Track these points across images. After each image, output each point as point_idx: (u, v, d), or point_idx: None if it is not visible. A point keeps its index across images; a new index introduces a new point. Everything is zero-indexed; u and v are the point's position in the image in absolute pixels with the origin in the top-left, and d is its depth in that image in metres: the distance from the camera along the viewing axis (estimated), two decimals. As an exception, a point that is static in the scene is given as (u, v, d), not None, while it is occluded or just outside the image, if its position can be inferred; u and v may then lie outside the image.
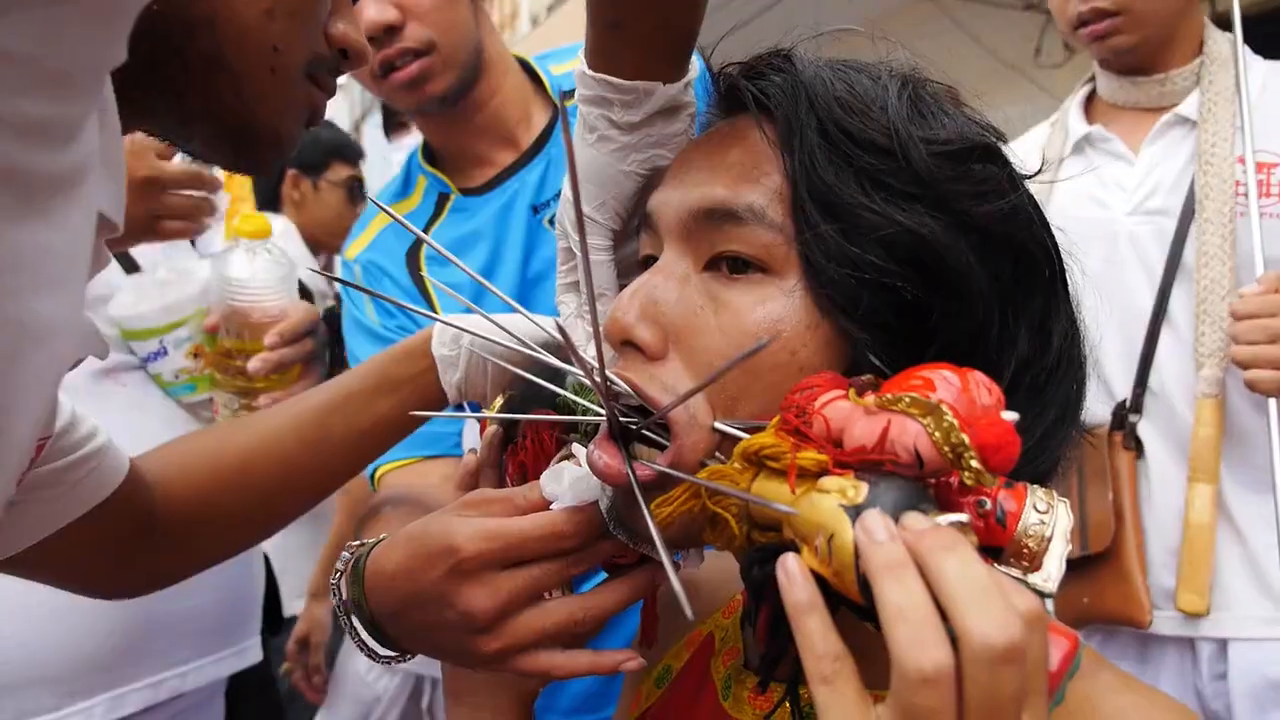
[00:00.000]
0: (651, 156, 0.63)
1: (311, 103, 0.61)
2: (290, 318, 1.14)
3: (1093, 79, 1.53)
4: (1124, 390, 1.39)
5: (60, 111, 0.37)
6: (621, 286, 0.64)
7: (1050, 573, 0.47)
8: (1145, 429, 1.38)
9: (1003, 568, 0.47)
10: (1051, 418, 0.56)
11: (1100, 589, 1.35)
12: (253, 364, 1.10)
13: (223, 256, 1.16)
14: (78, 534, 0.70)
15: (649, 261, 0.61)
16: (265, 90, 0.56)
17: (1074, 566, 1.35)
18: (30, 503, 0.66)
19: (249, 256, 1.14)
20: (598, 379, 0.52)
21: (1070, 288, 0.57)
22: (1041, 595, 0.46)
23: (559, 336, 0.62)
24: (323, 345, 1.20)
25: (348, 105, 12.53)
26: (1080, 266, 0.58)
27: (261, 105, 0.56)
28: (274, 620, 1.39)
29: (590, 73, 0.62)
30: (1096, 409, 1.38)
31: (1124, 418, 1.38)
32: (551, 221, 0.64)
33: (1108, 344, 1.39)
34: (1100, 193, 1.43)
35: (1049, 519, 0.46)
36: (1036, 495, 0.47)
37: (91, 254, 0.44)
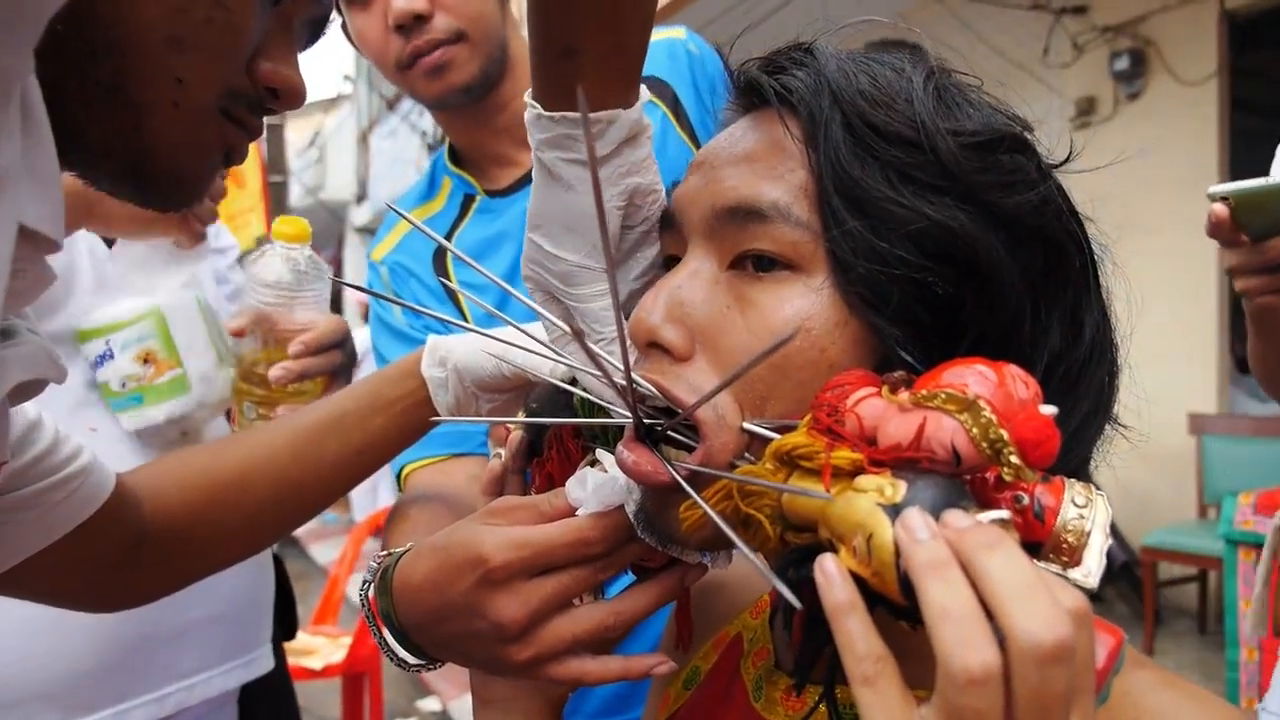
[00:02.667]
0: (627, 187, 0.60)
1: (225, 141, 0.57)
2: (318, 328, 1.09)
3: None
4: None
5: None
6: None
7: (1090, 568, 0.46)
8: None
9: (1042, 564, 0.46)
10: (1085, 410, 0.55)
11: None
12: (274, 372, 1.05)
13: (256, 258, 1.11)
14: (61, 552, 0.69)
15: (670, 262, 0.61)
16: (166, 125, 0.52)
17: None
18: (10, 525, 0.66)
19: (283, 260, 1.09)
20: (623, 380, 0.52)
21: (1102, 278, 0.56)
22: (1083, 591, 0.46)
23: (563, 327, 0.61)
24: (350, 359, 1.15)
25: (355, 115, 12.61)
26: (1112, 257, 0.57)
27: (162, 141, 0.52)
28: (289, 625, 1.38)
29: (546, 114, 0.58)
30: None
31: None
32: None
33: None
34: None
35: (1088, 513, 0.45)
36: (1074, 490, 0.47)
37: (16, 279, 0.42)
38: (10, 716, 0.92)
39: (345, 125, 13.02)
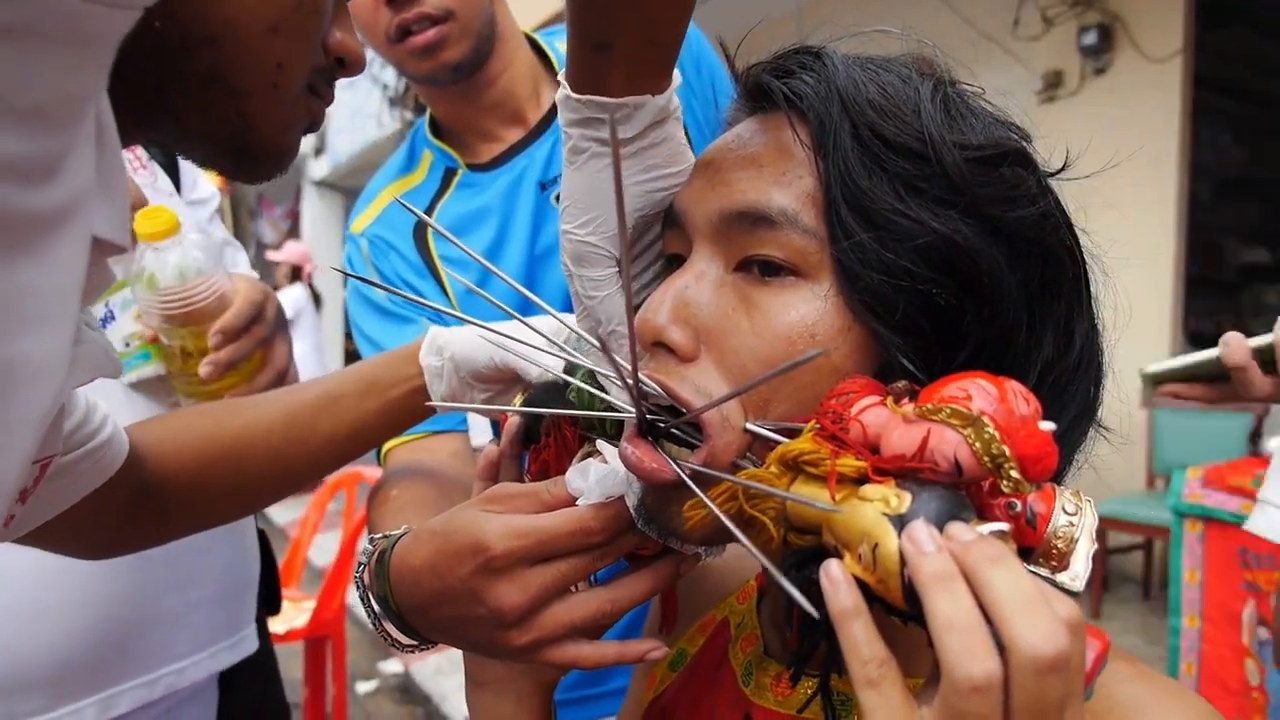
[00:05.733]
0: (654, 177, 0.61)
1: (311, 113, 0.60)
2: (230, 311, 1.03)
3: None
4: None
5: (37, 149, 0.36)
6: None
7: (1077, 572, 0.48)
8: None
9: (1031, 567, 0.49)
10: (1072, 415, 0.57)
11: None
12: (203, 370, 1.01)
13: (134, 269, 1.03)
14: (74, 510, 0.71)
15: (674, 259, 0.62)
16: (267, 107, 0.55)
17: None
18: (36, 496, 0.66)
19: (159, 259, 1.01)
20: (629, 379, 0.53)
21: (1093, 286, 0.58)
22: (1070, 594, 0.48)
23: (589, 339, 0.62)
24: (276, 321, 1.10)
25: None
26: (1102, 266, 0.59)
27: (264, 123, 0.55)
28: (273, 600, 1.38)
29: (576, 96, 0.59)
30: None
31: None
32: (559, 199, 0.63)
33: None
34: None
35: (1077, 520, 0.48)
36: (1064, 497, 0.49)
37: (85, 282, 0.43)
38: None
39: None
